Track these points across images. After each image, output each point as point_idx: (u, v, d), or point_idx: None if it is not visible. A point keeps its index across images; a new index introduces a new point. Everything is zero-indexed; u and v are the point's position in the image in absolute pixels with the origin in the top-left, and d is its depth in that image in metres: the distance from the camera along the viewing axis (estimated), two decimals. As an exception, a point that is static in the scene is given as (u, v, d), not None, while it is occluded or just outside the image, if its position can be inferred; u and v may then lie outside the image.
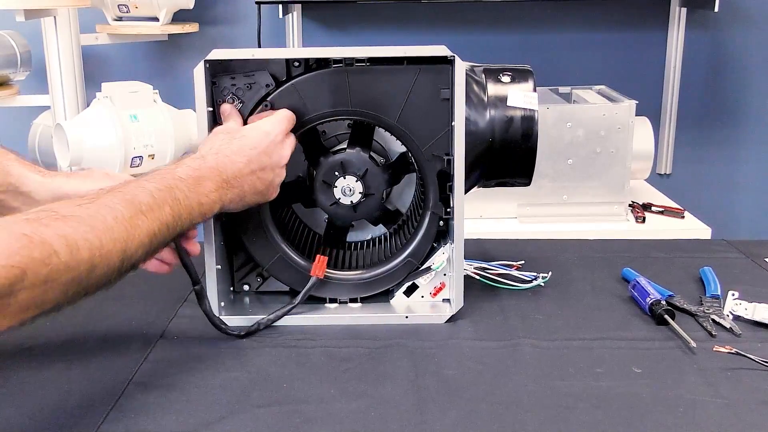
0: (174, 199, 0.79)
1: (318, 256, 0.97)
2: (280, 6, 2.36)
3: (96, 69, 2.42)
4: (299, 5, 2.41)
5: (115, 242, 0.71)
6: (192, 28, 2.37)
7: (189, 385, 0.82)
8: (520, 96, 0.99)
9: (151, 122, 1.96)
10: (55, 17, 2.01)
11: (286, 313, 0.96)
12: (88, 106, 2.03)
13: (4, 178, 0.88)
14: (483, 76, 1.01)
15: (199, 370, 0.85)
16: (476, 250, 1.17)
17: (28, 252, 0.63)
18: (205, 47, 0.95)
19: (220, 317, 0.94)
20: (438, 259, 0.98)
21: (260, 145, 0.89)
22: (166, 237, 0.78)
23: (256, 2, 2.28)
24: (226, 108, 0.94)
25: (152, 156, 1.98)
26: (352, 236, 1.07)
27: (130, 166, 1.94)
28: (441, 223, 0.97)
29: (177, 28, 2.33)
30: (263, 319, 0.95)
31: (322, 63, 0.95)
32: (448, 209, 0.96)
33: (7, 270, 0.61)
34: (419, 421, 0.75)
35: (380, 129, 0.99)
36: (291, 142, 0.93)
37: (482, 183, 1.03)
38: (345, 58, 0.93)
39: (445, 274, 0.99)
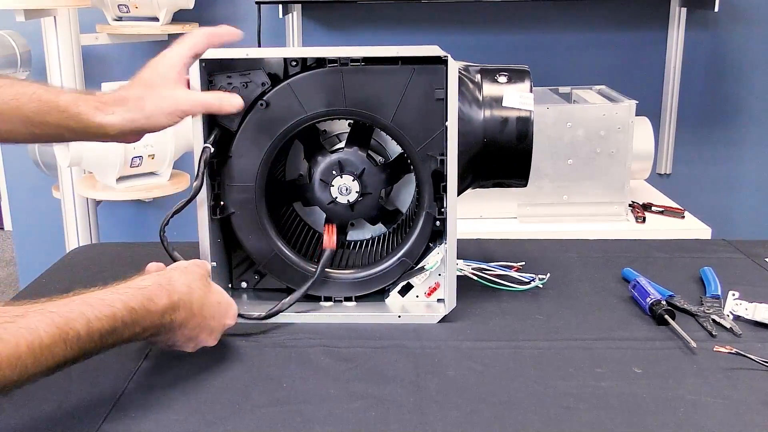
0: (110, 330, 0.74)
1: (326, 226, 0.96)
2: (280, 6, 2.36)
3: (96, 69, 2.42)
4: (299, 5, 2.41)
5: (14, 369, 0.67)
6: (192, 28, 2.37)
7: (189, 385, 0.82)
8: (516, 96, 0.99)
9: (151, 122, 1.96)
10: (55, 17, 2.01)
11: (306, 290, 0.97)
12: (88, 106, 2.03)
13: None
14: (479, 76, 1.01)
15: (199, 370, 0.85)
16: (476, 250, 1.17)
17: None
18: (205, 47, 0.95)
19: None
20: (432, 259, 0.98)
21: (216, 317, 0.86)
22: (78, 361, 0.73)
23: (256, 2, 2.28)
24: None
25: (152, 156, 1.98)
26: (352, 235, 1.07)
27: (130, 166, 1.95)
28: (437, 223, 0.97)
29: (177, 28, 2.33)
30: (283, 301, 0.95)
31: (319, 62, 0.95)
32: (443, 209, 0.96)
33: None
34: (420, 421, 0.75)
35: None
36: (215, 342, 0.88)
37: (478, 183, 1.03)
38: (340, 58, 0.93)
39: (439, 274, 0.99)
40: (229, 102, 0.92)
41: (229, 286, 1.03)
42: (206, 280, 0.87)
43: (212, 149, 0.94)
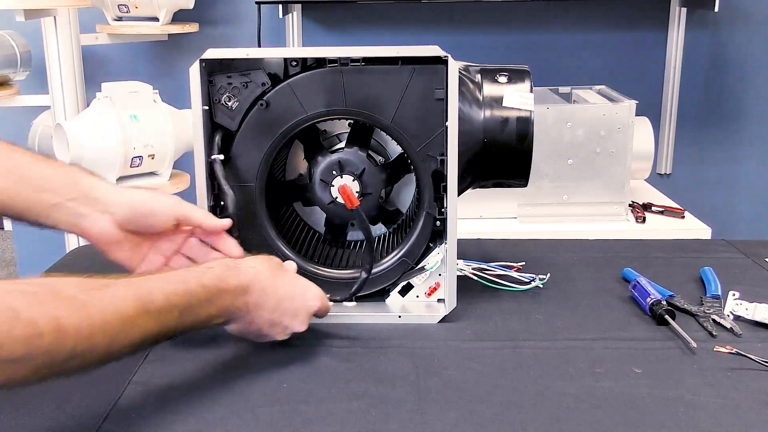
0: (187, 306, 0.76)
1: (340, 188, 0.96)
2: (280, 6, 2.36)
3: (96, 69, 2.42)
4: (299, 5, 2.41)
5: (104, 336, 0.67)
6: (192, 28, 2.37)
7: (189, 385, 0.82)
8: (516, 96, 0.99)
9: (151, 122, 1.96)
10: (55, 17, 2.01)
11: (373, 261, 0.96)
12: (88, 106, 2.03)
13: (73, 186, 0.87)
14: (479, 76, 1.01)
15: (199, 370, 0.85)
16: (476, 250, 1.17)
17: (9, 329, 0.60)
18: (205, 47, 0.95)
19: None
20: (432, 259, 0.98)
21: (295, 300, 0.87)
22: (161, 337, 0.75)
23: (256, 2, 2.28)
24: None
25: (152, 156, 1.98)
26: (352, 235, 1.07)
27: (130, 166, 1.94)
28: (437, 223, 0.97)
29: (177, 28, 2.33)
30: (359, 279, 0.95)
31: (319, 62, 0.95)
32: (443, 209, 0.96)
33: None
34: (420, 421, 0.75)
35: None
36: (304, 327, 0.89)
37: (479, 183, 1.03)
38: (340, 58, 0.93)
39: (440, 275, 0.99)
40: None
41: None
42: (276, 264, 0.88)
43: (222, 157, 0.94)
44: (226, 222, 0.91)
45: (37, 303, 0.63)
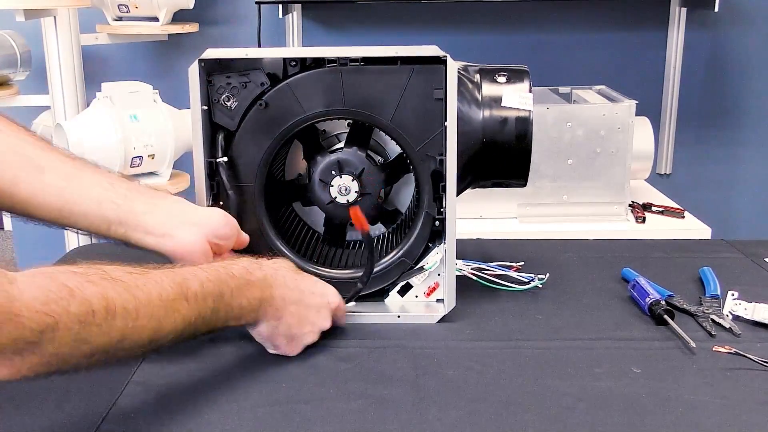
0: (219, 294, 0.77)
1: (350, 210, 0.96)
2: (280, 6, 2.36)
3: (96, 69, 2.42)
4: (299, 5, 2.41)
5: (150, 319, 0.69)
6: (192, 28, 2.38)
7: (188, 386, 0.82)
8: (515, 96, 0.99)
9: (151, 122, 1.96)
10: (55, 17, 2.01)
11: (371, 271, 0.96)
12: (88, 106, 2.03)
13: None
14: (478, 76, 1.01)
15: (199, 370, 0.85)
16: (476, 250, 1.17)
17: (66, 304, 0.61)
18: (205, 47, 0.95)
19: None
20: (431, 259, 0.98)
21: (316, 295, 0.89)
22: (199, 327, 0.76)
23: (256, 2, 2.28)
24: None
25: (152, 156, 1.98)
26: (351, 235, 1.07)
27: (130, 166, 1.95)
28: (437, 223, 0.97)
29: (177, 28, 2.33)
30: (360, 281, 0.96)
31: (319, 62, 0.95)
32: (442, 209, 0.96)
33: (41, 316, 0.59)
34: (419, 421, 0.75)
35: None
36: (329, 323, 0.91)
37: (478, 183, 1.03)
38: (339, 58, 0.93)
39: (439, 274, 0.99)
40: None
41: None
42: (293, 265, 0.90)
43: (226, 159, 0.95)
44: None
45: (87, 282, 0.64)
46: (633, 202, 1.94)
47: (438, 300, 1.00)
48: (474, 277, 1.07)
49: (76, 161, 0.88)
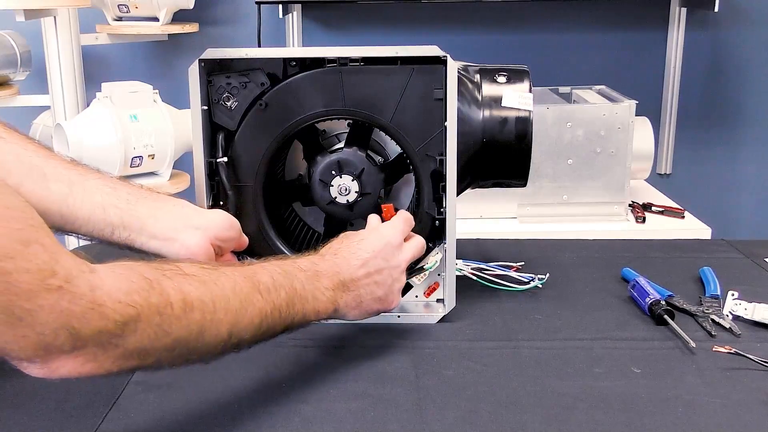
0: (291, 287, 0.77)
1: (383, 206, 0.96)
2: (280, 6, 2.36)
3: (96, 69, 2.43)
4: (299, 5, 2.41)
5: (227, 312, 0.69)
6: (192, 28, 2.38)
7: (189, 385, 0.82)
8: (515, 96, 0.99)
9: (151, 122, 1.96)
10: (55, 17, 2.01)
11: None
12: (88, 106, 2.03)
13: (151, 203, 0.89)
14: (478, 76, 1.01)
15: (198, 370, 0.85)
16: (476, 250, 1.17)
17: (147, 295, 0.61)
18: (205, 47, 0.95)
19: None
20: (431, 259, 0.98)
21: (376, 249, 0.87)
22: (276, 322, 0.76)
23: (256, 2, 2.28)
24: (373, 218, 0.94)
25: (152, 156, 1.98)
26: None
27: (130, 166, 1.95)
28: (437, 223, 0.97)
29: (177, 28, 2.33)
30: None
31: (319, 62, 0.95)
32: (442, 209, 0.96)
33: (123, 307, 0.59)
34: (419, 421, 0.75)
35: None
36: (412, 245, 0.91)
37: (478, 183, 1.03)
38: (339, 58, 0.93)
39: (439, 274, 0.99)
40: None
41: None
42: (347, 234, 0.90)
43: (225, 159, 0.95)
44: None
45: (163, 276, 0.64)
46: (633, 202, 1.94)
47: (438, 300, 1.00)
48: (474, 277, 1.07)
49: (79, 167, 0.88)
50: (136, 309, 0.60)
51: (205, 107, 0.95)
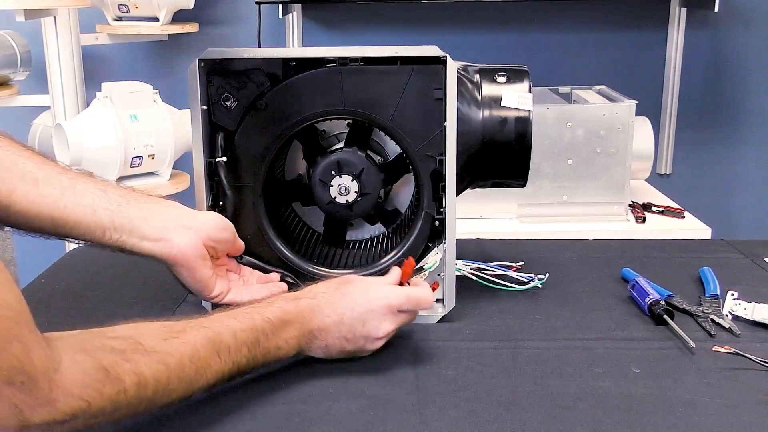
0: (254, 341, 0.78)
1: (405, 261, 0.95)
2: (280, 6, 2.36)
3: (96, 69, 2.43)
4: (299, 5, 2.41)
5: (181, 382, 0.71)
6: (192, 28, 2.38)
7: (188, 385, 0.82)
8: (515, 96, 0.99)
9: (151, 122, 1.96)
10: (55, 17, 2.01)
11: None
12: (88, 106, 2.03)
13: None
14: (478, 76, 1.01)
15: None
16: (476, 250, 1.17)
17: (101, 387, 0.64)
18: (205, 47, 0.95)
19: (212, 313, 0.94)
20: (431, 259, 0.98)
21: (356, 309, 0.84)
22: (234, 376, 0.78)
23: (256, 2, 2.28)
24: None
25: (152, 156, 1.98)
26: (351, 235, 1.07)
27: (130, 166, 1.95)
28: (436, 223, 0.97)
29: (177, 28, 2.33)
30: None
31: (318, 62, 0.95)
32: (442, 209, 0.96)
33: (75, 400, 0.62)
34: (419, 421, 0.75)
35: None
36: (402, 318, 0.87)
37: (477, 183, 1.03)
38: (339, 58, 0.93)
39: (438, 274, 0.99)
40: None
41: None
42: (340, 282, 0.88)
43: (225, 159, 0.95)
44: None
45: (123, 361, 0.66)
46: (633, 202, 1.94)
47: (438, 300, 1.00)
48: (474, 277, 1.07)
49: (72, 173, 0.89)
50: (87, 402, 0.63)
51: (205, 107, 0.95)
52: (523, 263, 1.11)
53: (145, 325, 0.72)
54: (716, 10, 2.21)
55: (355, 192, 0.99)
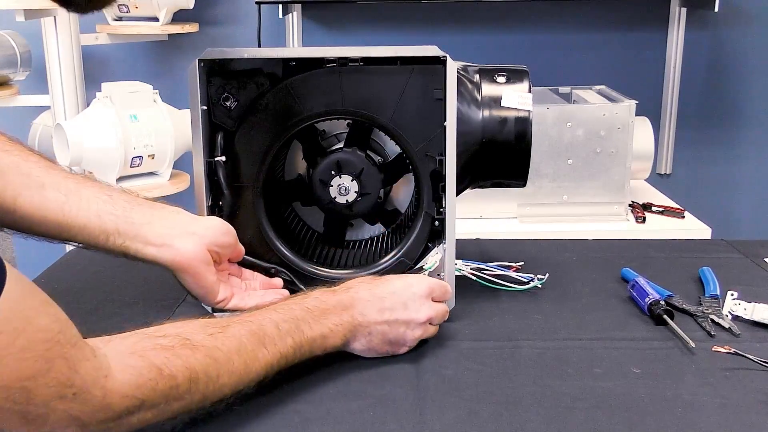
0: (298, 330, 0.79)
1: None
2: (280, 6, 2.36)
3: (96, 69, 2.43)
4: (299, 5, 2.41)
5: (231, 375, 0.72)
6: (192, 28, 2.38)
7: (188, 385, 0.82)
8: (515, 97, 0.99)
9: (151, 122, 1.96)
10: (55, 17, 2.01)
11: None
12: (88, 106, 2.03)
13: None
14: (478, 76, 1.01)
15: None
16: (475, 250, 1.17)
17: (154, 385, 0.66)
18: (205, 47, 0.95)
19: (213, 315, 0.94)
20: (431, 259, 0.98)
21: (397, 293, 0.86)
22: (282, 367, 0.78)
23: (256, 2, 2.28)
24: None
25: (152, 156, 1.98)
26: (351, 235, 1.07)
27: (130, 166, 1.95)
28: (436, 223, 0.97)
29: (177, 28, 2.34)
30: None
31: (318, 63, 0.95)
32: (441, 209, 0.96)
33: (130, 399, 0.64)
34: (418, 420, 0.75)
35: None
36: (435, 307, 0.89)
37: (477, 183, 1.03)
38: (338, 58, 0.93)
39: (438, 274, 0.99)
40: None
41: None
42: (374, 276, 0.91)
43: (224, 158, 0.95)
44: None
45: (174, 357, 0.68)
46: (633, 202, 1.94)
47: (438, 300, 1.00)
48: (474, 277, 1.07)
49: (77, 177, 0.89)
50: (141, 400, 0.65)
51: (205, 107, 0.95)
52: (523, 263, 1.11)
53: (189, 323, 0.74)
54: (716, 10, 2.21)
55: (355, 192, 0.99)
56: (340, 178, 0.99)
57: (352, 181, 0.99)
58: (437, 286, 0.90)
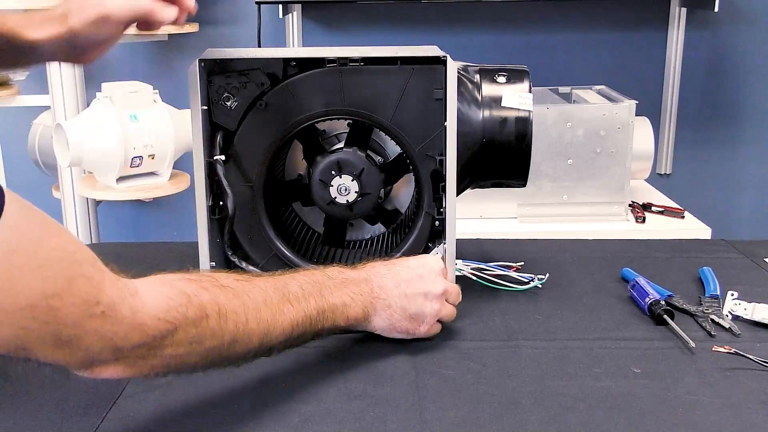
0: (320, 295, 0.80)
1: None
2: (280, 6, 2.36)
3: (96, 69, 2.42)
4: (299, 5, 2.41)
5: (259, 323, 0.73)
6: (192, 28, 2.38)
7: (189, 386, 0.82)
8: (515, 97, 0.99)
9: (151, 122, 1.96)
10: (55, 17, 2.00)
11: None
12: (88, 106, 2.03)
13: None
14: (478, 76, 1.01)
15: (198, 370, 0.85)
16: (475, 250, 1.17)
17: (185, 310, 0.66)
18: (205, 47, 0.95)
19: None
20: None
21: (412, 266, 0.89)
22: (306, 329, 0.79)
23: (256, 2, 2.28)
24: None
25: (152, 156, 1.98)
26: (351, 235, 1.07)
27: (130, 166, 1.95)
28: (436, 223, 0.97)
29: (177, 28, 2.33)
30: None
31: (318, 62, 0.95)
32: (442, 209, 0.96)
33: (162, 323, 0.64)
34: (419, 420, 0.75)
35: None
36: (453, 285, 0.92)
37: (477, 183, 1.03)
38: (339, 58, 0.93)
39: None
40: (161, 12, 0.90)
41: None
42: (383, 261, 0.91)
43: (223, 157, 0.95)
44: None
45: (202, 289, 0.69)
46: (633, 202, 1.94)
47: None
48: (474, 277, 1.07)
49: None
50: (173, 324, 0.65)
51: (205, 107, 0.95)
52: (523, 263, 1.11)
53: (213, 272, 0.75)
54: (716, 10, 2.21)
55: (355, 192, 0.99)
56: (341, 178, 0.99)
57: (352, 181, 0.99)
58: (452, 268, 0.93)
